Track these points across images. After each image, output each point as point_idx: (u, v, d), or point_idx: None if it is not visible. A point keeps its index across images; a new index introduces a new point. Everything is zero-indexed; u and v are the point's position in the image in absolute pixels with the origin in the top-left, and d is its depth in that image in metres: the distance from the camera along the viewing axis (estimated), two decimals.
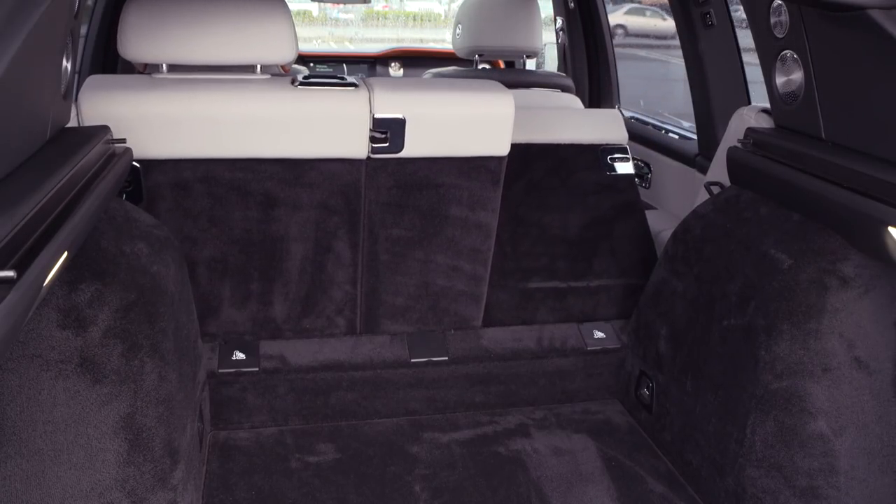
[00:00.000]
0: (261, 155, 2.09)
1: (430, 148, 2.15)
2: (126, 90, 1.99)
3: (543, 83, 3.59)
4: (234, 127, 2.03)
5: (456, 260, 2.33)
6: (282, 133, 2.07)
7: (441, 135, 2.15)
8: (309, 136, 2.08)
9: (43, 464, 1.44)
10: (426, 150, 2.16)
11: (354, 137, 2.11)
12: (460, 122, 2.15)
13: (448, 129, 2.15)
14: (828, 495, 1.76)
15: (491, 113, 2.16)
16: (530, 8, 3.50)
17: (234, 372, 2.22)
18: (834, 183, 1.83)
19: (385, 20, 19.85)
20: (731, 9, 2.84)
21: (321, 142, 2.10)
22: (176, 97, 1.99)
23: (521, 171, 2.57)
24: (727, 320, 2.02)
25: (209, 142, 2.03)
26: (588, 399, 2.53)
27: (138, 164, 1.96)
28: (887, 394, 1.79)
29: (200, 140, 2.03)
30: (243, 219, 2.15)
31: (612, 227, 2.64)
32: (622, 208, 2.67)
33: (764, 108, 2.36)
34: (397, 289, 2.36)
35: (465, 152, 2.18)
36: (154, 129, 1.99)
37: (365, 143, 2.11)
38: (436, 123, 2.13)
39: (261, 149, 2.07)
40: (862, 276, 1.80)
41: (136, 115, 1.97)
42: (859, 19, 1.72)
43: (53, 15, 1.36)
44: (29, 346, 1.45)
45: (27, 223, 1.19)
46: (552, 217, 2.60)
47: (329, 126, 2.09)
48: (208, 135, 2.02)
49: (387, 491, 2.03)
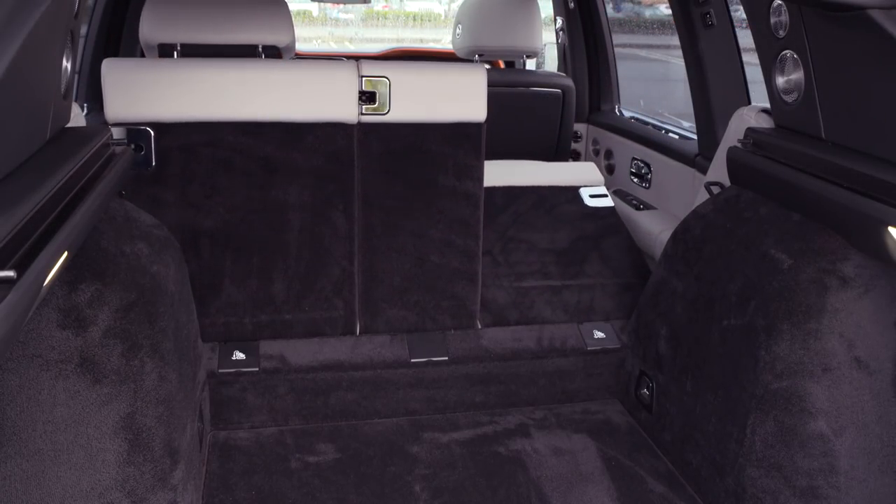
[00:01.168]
0: (261, 118, 2.25)
1: (414, 112, 2.35)
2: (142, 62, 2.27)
3: (543, 83, 3.59)
4: (237, 90, 2.22)
5: (448, 234, 2.45)
6: (280, 98, 2.25)
7: (423, 99, 2.36)
8: (304, 100, 2.27)
9: (43, 464, 1.44)
10: (411, 115, 2.35)
11: (345, 101, 2.30)
12: (439, 86, 2.37)
13: (429, 94, 2.37)
14: (828, 495, 1.76)
15: (465, 80, 2.39)
16: (530, 8, 3.50)
17: (234, 372, 2.22)
18: (834, 183, 1.83)
19: (385, 20, 19.84)
20: (731, 9, 2.84)
21: (316, 106, 2.28)
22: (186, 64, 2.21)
23: (506, 205, 2.81)
24: (727, 320, 2.02)
25: (215, 105, 2.20)
26: (588, 399, 2.52)
27: (151, 129, 2.12)
28: (887, 394, 1.79)
29: (207, 103, 2.20)
30: (245, 185, 2.27)
31: (599, 242, 2.78)
32: (606, 229, 2.83)
33: (764, 108, 2.36)
34: (393, 266, 2.44)
35: (446, 118, 2.38)
36: (166, 92, 2.15)
37: (355, 106, 2.31)
38: (417, 87, 2.35)
39: (261, 112, 2.24)
40: (862, 276, 1.80)
41: (150, 79, 2.15)
42: (859, 19, 1.72)
43: (53, 15, 1.36)
44: (29, 346, 1.46)
45: (27, 223, 1.19)
46: (540, 235, 2.76)
47: (322, 90, 2.28)
48: (214, 98, 2.20)
49: (387, 491, 2.03)
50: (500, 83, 3.55)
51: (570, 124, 3.66)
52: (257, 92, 2.23)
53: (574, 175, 3.02)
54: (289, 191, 2.31)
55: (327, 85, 2.27)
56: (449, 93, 2.37)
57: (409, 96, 2.34)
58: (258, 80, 2.22)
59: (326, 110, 2.29)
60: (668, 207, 3.14)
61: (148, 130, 2.13)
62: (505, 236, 2.73)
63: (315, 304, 2.41)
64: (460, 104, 2.38)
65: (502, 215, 2.78)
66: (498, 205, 2.80)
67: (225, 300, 2.34)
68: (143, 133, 2.13)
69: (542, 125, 3.61)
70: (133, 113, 2.12)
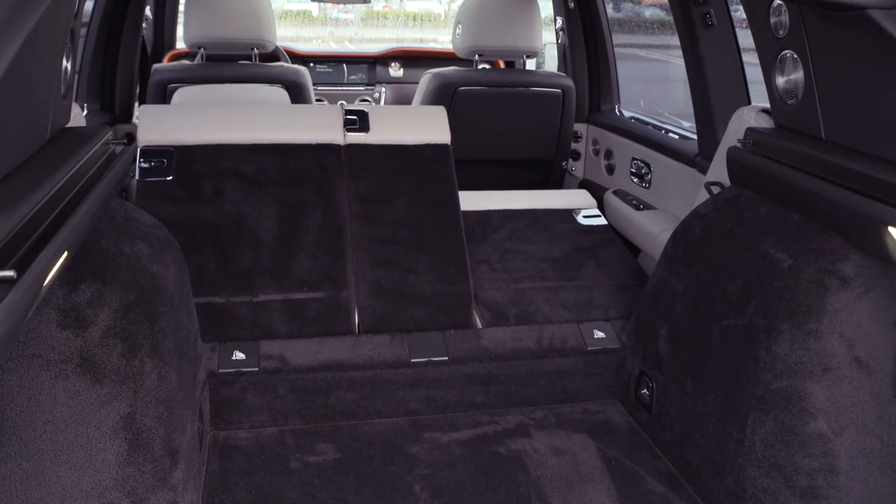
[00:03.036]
0: (260, 141, 2.66)
1: (391, 136, 2.79)
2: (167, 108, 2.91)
3: (543, 83, 3.59)
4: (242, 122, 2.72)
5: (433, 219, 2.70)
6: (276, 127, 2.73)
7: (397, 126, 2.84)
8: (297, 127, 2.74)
9: (43, 464, 1.44)
10: (388, 138, 2.79)
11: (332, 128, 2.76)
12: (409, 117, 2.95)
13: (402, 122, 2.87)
14: (828, 495, 1.76)
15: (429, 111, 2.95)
16: (530, 8, 3.50)
17: (234, 372, 2.22)
18: (834, 183, 1.82)
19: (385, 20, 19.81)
20: (731, 9, 2.83)
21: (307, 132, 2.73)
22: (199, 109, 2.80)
23: (502, 224, 3.01)
24: (727, 320, 2.02)
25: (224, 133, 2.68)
26: (588, 399, 2.52)
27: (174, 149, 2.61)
28: (887, 394, 1.79)
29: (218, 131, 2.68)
30: (247, 190, 2.58)
31: (595, 252, 2.90)
32: (601, 241, 2.96)
33: (764, 108, 2.36)
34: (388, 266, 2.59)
35: (417, 140, 2.81)
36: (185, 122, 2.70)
37: (341, 131, 2.76)
38: (391, 116, 2.89)
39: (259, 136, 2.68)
40: (862, 276, 1.80)
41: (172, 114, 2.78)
42: (859, 19, 1.72)
43: (53, 15, 1.36)
44: (29, 346, 1.45)
45: (27, 223, 1.19)
46: (536, 248, 2.88)
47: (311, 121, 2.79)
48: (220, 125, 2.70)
49: (387, 491, 2.03)
50: (500, 83, 3.55)
51: (570, 124, 3.66)
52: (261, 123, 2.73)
53: (568, 200, 3.23)
54: (287, 196, 2.58)
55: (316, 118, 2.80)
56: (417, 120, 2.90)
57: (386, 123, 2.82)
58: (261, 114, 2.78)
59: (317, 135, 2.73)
60: (668, 207, 3.14)
61: (171, 150, 2.60)
62: (502, 248, 2.84)
63: (315, 304, 2.41)
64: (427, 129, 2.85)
65: (498, 232, 2.96)
66: (494, 224, 2.99)
67: (225, 300, 2.34)
68: (167, 151, 2.60)
69: (542, 125, 3.62)
70: (159, 138, 2.62)
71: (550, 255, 2.85)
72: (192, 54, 3.63)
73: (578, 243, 2.94)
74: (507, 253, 2.83)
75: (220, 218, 2.51)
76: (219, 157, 2.60)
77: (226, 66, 3.45)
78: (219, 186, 2.55)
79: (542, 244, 2.90)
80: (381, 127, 2.78)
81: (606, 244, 2.96)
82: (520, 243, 2.90)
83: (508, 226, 2.99)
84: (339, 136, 2.73)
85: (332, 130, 2.73)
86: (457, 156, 3.61)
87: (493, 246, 2.85)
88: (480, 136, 3.58)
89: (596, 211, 3.16)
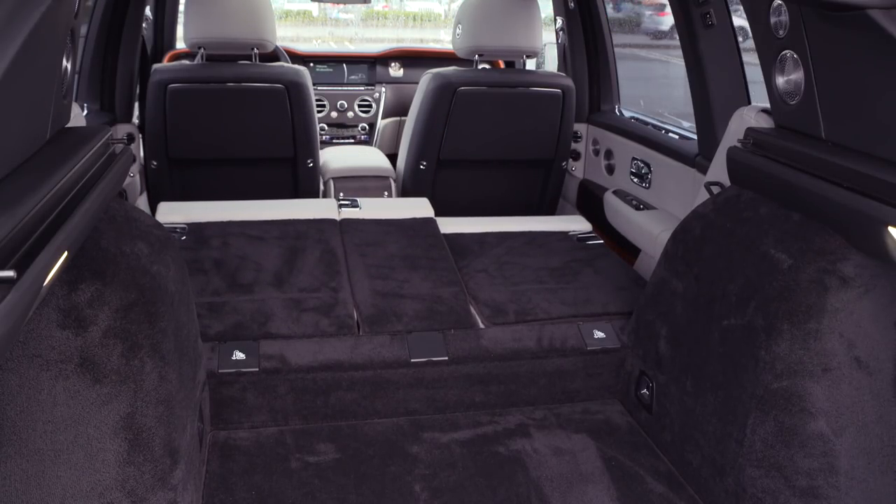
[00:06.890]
0: (264, 218, 3.07)
1: (380, 213, 3.18)
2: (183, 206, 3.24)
3: (543, 83, 3.59)
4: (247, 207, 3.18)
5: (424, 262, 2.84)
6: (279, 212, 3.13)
7: (386, 207, 3.28)
8: (297, 212, 3.13)
9: (43, 464, 1.44)
10: (378, 214, 3.18)
11: (328, 210, 3.18)
12: (396, 207, 3.31)
13: (389, 204, 3.36)
14: (828, 495, 1.76)
15: (414, 202, 3.37)
16: (530, 8, 3.50)
17: (234, 372, 2.22)
18: (834, 183, 1.82)
19: (385, 20, 19.81)
20: (731, 10, 2.84)
21: (306, 213, 3.14)
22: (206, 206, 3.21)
23: (498, 243, 3.10)
24: (727, 320, 2.02)
25: (231, 216, 3.08)
26: (588, 399, 2.52)
27: (187, 225, 2.99)
28: (887, 394, 1.79)
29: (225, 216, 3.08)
30: (245, 247, 2.84)
31: (592, 263, 2.94)
32: (597, 256, 3.02)
33: (764, 108, 2.36)
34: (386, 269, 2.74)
35: (404, 216, 3.20)
36: (198, 209, 3.14)
37: (336, 211, 3.19)
38: (381, 206, 3.29)
39: (264, 215, 3.09)
40: (862, 276, 1.80)
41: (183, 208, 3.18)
42: (859, 19, 1.72)
43: (53, 15, 1.36)
44: (29, 346, 1.46)
45: (27, 223, 1.19)
46: (534, 259, 2.95)
47: (310, 206, 3.22)
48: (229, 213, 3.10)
49: (387, 491, 2.03)
50: (500, 83, 3.55)
51: (570, 124, 3.66)
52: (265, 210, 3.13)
53: (564, 225, 3.34)
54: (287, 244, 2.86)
55: (314, 210, 3.17)
56: (403, 209, 3.27)
57: (375, 211, 3.20)
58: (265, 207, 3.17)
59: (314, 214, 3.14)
60: (668, 207, 3.14)
61: (185, 226, 2.99)
62: (499, 261, 2.93)
63: (315, 304, 2.41)
64: (413, 212, 3.23)
65: (495, 249, 3.05)
66: (490, 242, 3.09)
67: (225, 300, 2.34)
68: (180, 228, 2.97)
69: (542, 125, 3.62)
70: (174, 220, 3.03)
71: (548, 264, 2.91)
72: (192, 54, 3.63)
73: (574, 256, 3.00)
74: (504, 264, 2.89)
75: (225, 256, 2.76)
76: (227, 227, 3.00)
77: (226, 66, 3.45)
78: (226, 241, 2.89)
79: (539, 257, 2.97)
80: (372, 208, 3.23)
81: (602, 256, 3.02)
82: (517, 257, 2.96)
83: (505, 243, 3.09)
84: (334, 214, 3.15)
85: (328, 211, 3.15)
86: (457, 156, 3.62)
87: (490, 259, 2.93)
88: (480, 136, 3.58)
89: (593, 234, 3.27)
